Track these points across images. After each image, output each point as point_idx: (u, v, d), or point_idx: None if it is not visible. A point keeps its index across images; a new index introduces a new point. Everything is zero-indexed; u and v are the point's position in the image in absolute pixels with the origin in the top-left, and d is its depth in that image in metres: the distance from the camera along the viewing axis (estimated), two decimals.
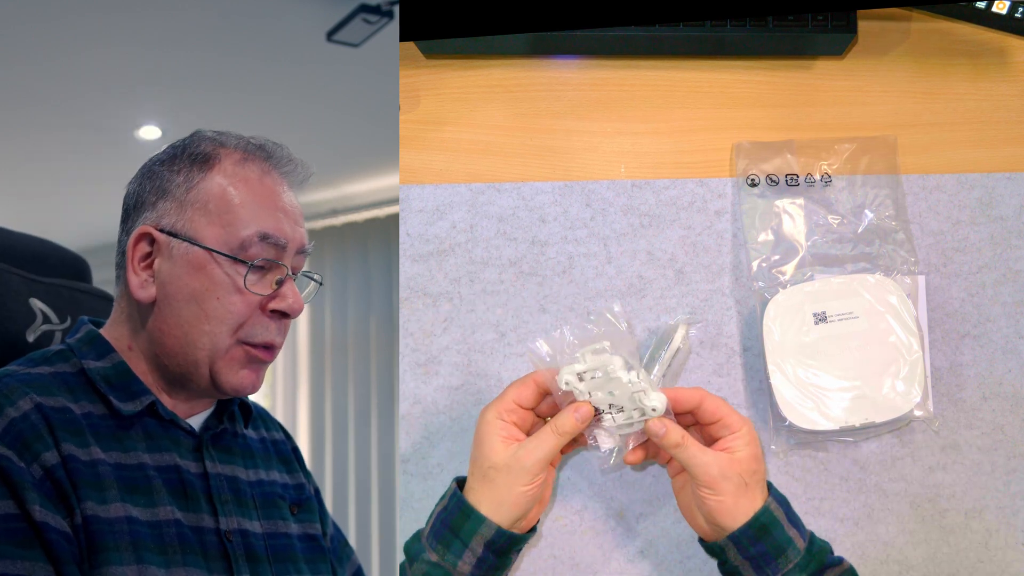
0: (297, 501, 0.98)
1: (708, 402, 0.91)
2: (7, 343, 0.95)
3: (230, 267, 0.86)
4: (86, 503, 0.78)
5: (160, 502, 0.83)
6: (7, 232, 1.03)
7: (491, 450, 0.89)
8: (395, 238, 1.11)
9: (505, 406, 0.90)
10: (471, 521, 0.88)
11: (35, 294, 0.99)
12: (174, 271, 0.86)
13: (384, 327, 3.35)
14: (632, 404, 0.89)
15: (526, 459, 0.88)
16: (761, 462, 0.90)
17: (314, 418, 3.51)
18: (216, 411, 0.93)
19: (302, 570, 0.93)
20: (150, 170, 0.90)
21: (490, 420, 0.90)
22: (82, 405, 0.83)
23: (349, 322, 3.47)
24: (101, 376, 0.86)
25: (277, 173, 0.91)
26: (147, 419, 0.86)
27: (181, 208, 0.87)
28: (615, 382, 0.88)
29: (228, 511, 0.88)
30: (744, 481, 0.88)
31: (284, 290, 0.88)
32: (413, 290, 1.10)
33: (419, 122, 1.14)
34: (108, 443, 0.83)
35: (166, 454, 0.86)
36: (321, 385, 3.51)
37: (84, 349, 0.87)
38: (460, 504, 0.89)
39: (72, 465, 0.79)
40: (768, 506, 0.89)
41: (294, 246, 0.89)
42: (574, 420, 0.89)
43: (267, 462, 0.97)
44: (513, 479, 0.88)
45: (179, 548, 0.82)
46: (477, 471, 0.90)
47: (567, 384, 0.89)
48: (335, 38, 2.24)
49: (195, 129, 0.92)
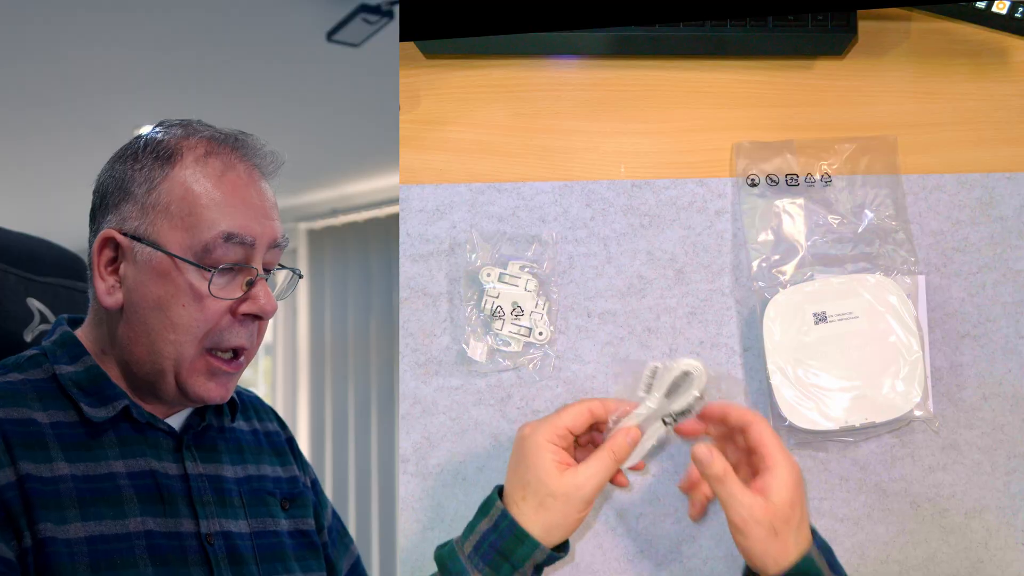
0: (289, 495, 0.96)
1: (755, 428, 0.88)
2: (5, 342, 0.95)
3: (195, 273, 0.82)
4: (41, 524, 0.76)
5: (131, 513, 0.81)
6: (5, 232, 1.03)
7: (548, 476, 0.86)
8: (395, 238, 1.11)
9: (558, 432, 0.88)
10: (525, 546, 0.85)
11: (32, 293, 0.99)
12: (139, 277, 0.83)
13: (384, 327, 3.35)
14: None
15: (586, 487, 0.86)
16: (797, 508, 0.85)
17: (314, 418, 3.51)
18: (197, 408, 0.91)
19: (292, 568, 0.92)
20: (112, 167, 0.86)
21: (543, 444, 0.87)
22: (51, 414, 0.81)
23: (349, 322, 3.47)
24: (73, 382, 0.84)
25: (244, 165, 0.86)
26: (121, 424, 0.84)
27: (143, 211, 0.83)
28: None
29: (209, 513, 0.86)
30: (775, 529, 0.84)
31: (255, 291, 0.85)
32: (413, 290, 1.10)
33: (419, 122, 1.14)
34: (77, 454, 0.80)
35: (140, 460, 0.84)
36: (321, 385, 3.51)
37: (57, 353, 0.85)
38: (513, 529, 0.86)
39: (29, 485, 0.77)
40: (811, 555, 0.85)
41: (264, 242, 0.85)
42: (627, 444, 0.88)
43: (257, 456, 0.95)
44: (571, 507, 0.86)
45: (149, 560, 0.80)
46: (532, 496, 0.86)
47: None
48: (335, 38, 2.24)
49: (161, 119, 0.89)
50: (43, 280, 1.00)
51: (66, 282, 1.03)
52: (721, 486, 0.86)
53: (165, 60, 2.35)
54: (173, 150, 0.85)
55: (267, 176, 0.88)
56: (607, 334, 1.08)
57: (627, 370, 0.92)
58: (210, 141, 0.86)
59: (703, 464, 0.86)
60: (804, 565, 0.84)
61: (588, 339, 1.08)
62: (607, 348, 1.08)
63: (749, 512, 0.84)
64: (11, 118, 2.70)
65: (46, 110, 2.65)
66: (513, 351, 1.07)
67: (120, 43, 2.26)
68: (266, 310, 0.85)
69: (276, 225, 0.87)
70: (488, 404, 1.07)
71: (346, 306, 3.49)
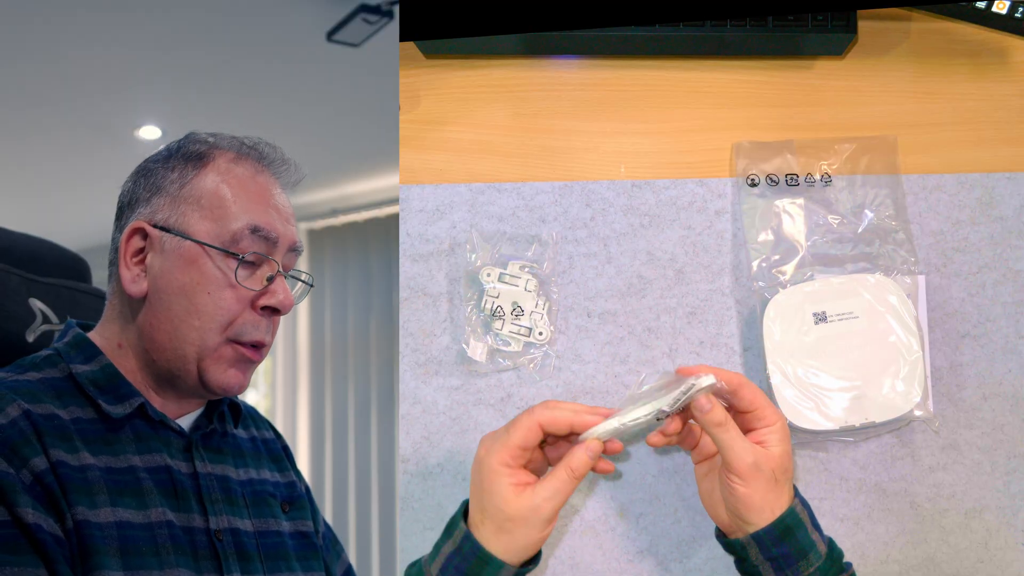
0: (289, 499, 0.98)
1: (746, 389, 0.87)
2: (7, 343, 0.95)
3: (221, 261, 0.86)
4: (76, 508, 0.78)
5: (152, 504, 0.83)
6: (7, 232, 1.03)
7: (504, 502, 0.83)
8: (395, 238, 1.11)
9: (511, 453, 0.84)
10: (489, 567, 0.84)
11: (35, 294, 0.99)
12: (165, 265, 0.86)
13: (384, 327, 3.35)
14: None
15: (544, 508, 0.83)
16: (791, 460, 0.87)
17: (314, 418, 3.51)
18: (206, 411, 0.93)
19: (294, 568, 0.93)
20: (145, 168, 0.90)
21: (496, 469, 0.84)
22: (71, 410, 0.83)
23: (349, 322, 3.47)
24: (89, 380, 0.85)
25: (269, 173, 0.91)
26: (136, 420, 0.86)
27: (174, 203, 0.87)
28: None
29: (218, 510, 0.88)
30: (775, 477, 0.85)
31: (274, 286, 0.88)
32: (413, 290, 1.10)
33: (419, 122, 1.14)
34: (97, 447, 0.82)
35: (156, 455, 0.86)
36: (321, 385, 3.51)
37: (72, 353, 0.87)
38: (476, 551, 0.84)
39: (62, 471, 0.79)
40: (794, 508, 0.86)
41: (285, 243, 0.89)
42: (587, 459, 0.85)
43: (257, 461, 0.97)
44: (531, 528, 0.84)
45: (171, 549, 0.82)
46: (491, 522, 0.84)
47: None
48: (335, 38, 2.24)
49: (192, 130, 0.93)
50: (45, 281, 1.00)
51: (68, 283, 1.03)
52: (724, 432, 0.85)
53: (165, 60, 2.35)
54: (205, 154, 0.89)
55: (288, 186, 0.93)
56: (607, 334, 1.08)
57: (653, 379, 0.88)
58: (240, 147, 0.91)
59: (703, 412, 0.85)
60: (788, 518, 0.86)
61: (588, 339, 1.08)
62: (607, 348, 1.08)
63: (754, 458, 0.85)
64: (11, 118, 2.70)
65: (46, 110, 2.65)
66: (513, 351, 1.07)
67: (120, 43, 2.26)
68: (285, 304, 0.88)
69: (295, 230, 0.91)
70: (488, 404, 1.07)
71: (346, 306, 3.49)
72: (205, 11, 2.13)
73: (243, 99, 2.55)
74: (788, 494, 0.87)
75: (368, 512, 3.30)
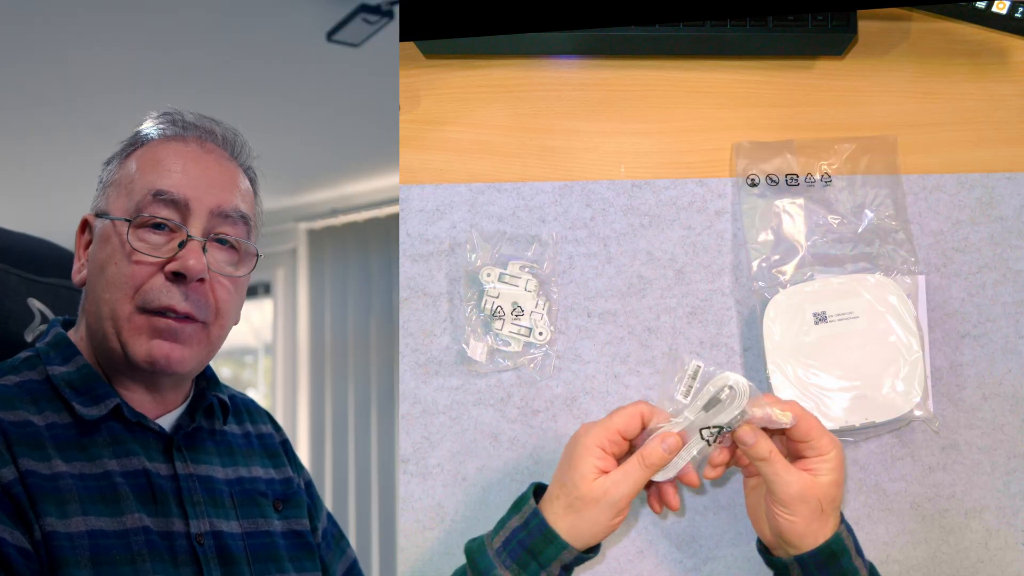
0: (282, 496, 0.96)
1: (803, 421, 0.88)
2: (6, 343, 0.95)
3: (126, 231, 0.86)
4: (45, 519, 0.77)
5: (128, 510, 0.81)
6: (6, 232, 1.03)
7: (582, 480, 0.86)
8: (395, 238, 1.11)
9: (609, 435, 0.87)
10: (553, 547, 0.86)
11: (33, 294, 0.99)
12: (93, 249, 0.88)
13: (384, 327, 3.35)
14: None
15: (614, 494, 0.86)
16: (841, 488, 0.88)
17: (314, 418, 3.51)
18: (188, 409, 0.91)
19: (286, 568, 0.92)
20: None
21: (589, 447, 0.87)
22: (46, 415, 0.82)
23: (349, 322, 3.47)
24: (65, 382, 0.85)
25: (198, 142, 0.90)
26: (112, 423, 0.85)
27: (104, 190, 0.90)
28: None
29: (199, 513, 0.86)
30: (821, 507, 0.86)
31: (183, 252, 0.85)
32: (413, 290, 1.10)
33: (419, 122, 1.14)
34: (71, 454, 0.81)
35: (134, 458, 0.84)
36: (321, 385, 3.51)
37: (51, 354, 0.87)
38: (542, 528, 0.87)
39: (31, 480, 0.78)
40: (840, 534, 0.87)
41: (204, 207, 0.87)
42: (662, 452, 0.87)
43: (249, 458, 0.96)
44: (599, 513, 0.86)
45: (147, 556, 0.80)
46: (564, 496, 0.87)
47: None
48: (335, 38, 2.24)
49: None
50: (44, 281, 1.00)
51: (67, 282, 1.03)
52: (768, 466, 0.87)
53: (165, 60, 2.35)
54: (133, 140, 0.91)
55: (234, 156, 0.92)
56: (607, 334, 1.08)
57: (673, 367, 0.90)
58: (172, 125, 0.91)
59: (747, 445, 0.87)
60: (833, 544, 0.86)
61: (588, 339, 1.08)
62: (607, 348, 1.08)
63: (799, 490, 0.85)
64: (11, 118, 2.70)
65: (46, 110, 2.65)
66: (513, 351, 1.07)
67: (120, 43, 2.26)
68: (191, 269, 0.85)
69: (224, 195, 0.89)
70: (488, 404, 1.07)
71: (346, 306, 3.49)
72: (205, 11, 2.13)
73: (243, 99, 2.55)
74: (834, 521, 0.88)
75: (368, 512, 3.30)
